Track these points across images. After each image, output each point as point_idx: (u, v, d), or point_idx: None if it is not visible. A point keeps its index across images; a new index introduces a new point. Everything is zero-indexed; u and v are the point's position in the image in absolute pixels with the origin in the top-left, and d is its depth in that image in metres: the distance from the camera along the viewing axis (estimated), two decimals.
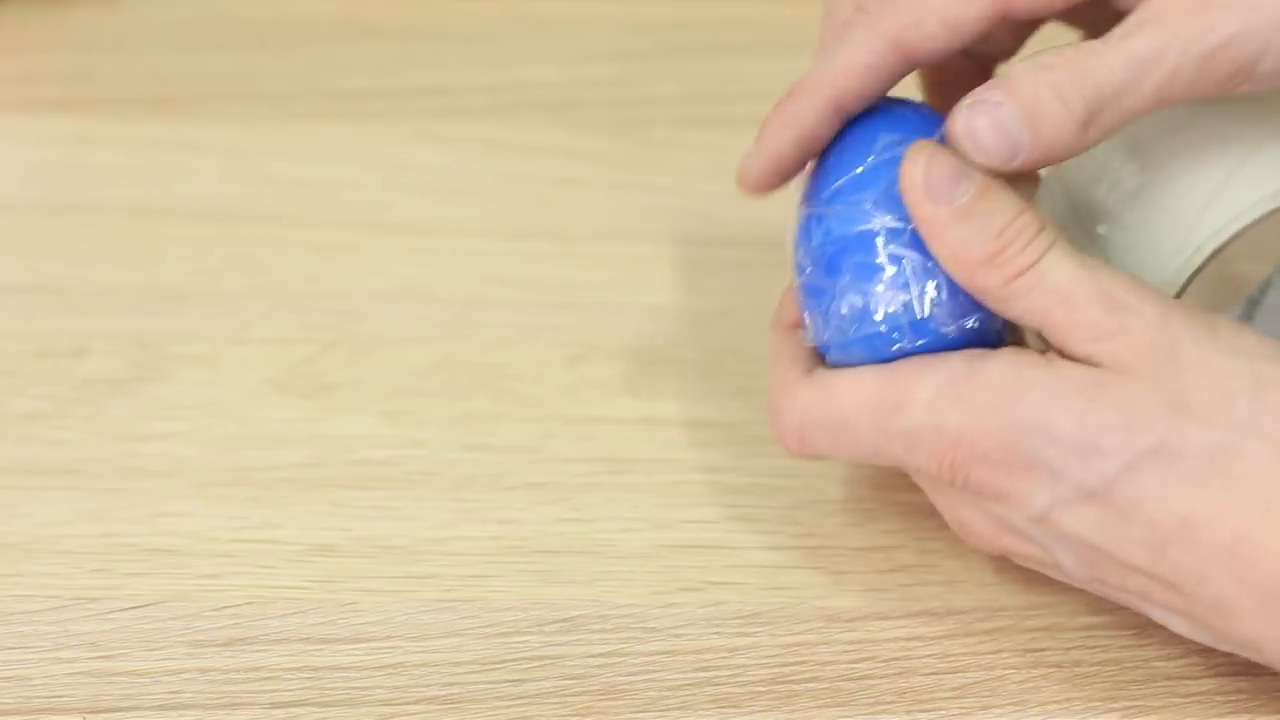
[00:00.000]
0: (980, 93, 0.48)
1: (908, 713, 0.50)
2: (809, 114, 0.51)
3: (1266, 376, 0.46)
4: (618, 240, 0.65)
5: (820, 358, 0.51)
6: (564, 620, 0.52)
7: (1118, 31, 0.48)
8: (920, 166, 0.48)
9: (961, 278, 0.48)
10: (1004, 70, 0.50)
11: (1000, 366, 0.48)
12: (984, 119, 0.48)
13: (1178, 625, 0.48)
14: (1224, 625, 0.47)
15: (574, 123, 0.70)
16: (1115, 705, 0.50)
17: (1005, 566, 0.53)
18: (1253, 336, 0.47)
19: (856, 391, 0.49)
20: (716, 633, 0.52)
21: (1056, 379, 0.47)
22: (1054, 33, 0.54)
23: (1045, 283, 0.47)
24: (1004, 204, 0.48)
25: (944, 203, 0.48)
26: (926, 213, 0.48)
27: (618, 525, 0.55)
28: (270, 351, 0.60)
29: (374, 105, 0.70)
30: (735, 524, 0.55)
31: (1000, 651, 0.52)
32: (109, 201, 0.66)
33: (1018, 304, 0.48)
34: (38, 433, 0.58)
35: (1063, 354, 0.47)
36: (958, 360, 0.48)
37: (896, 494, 0.56)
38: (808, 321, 0.51)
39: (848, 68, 0.51)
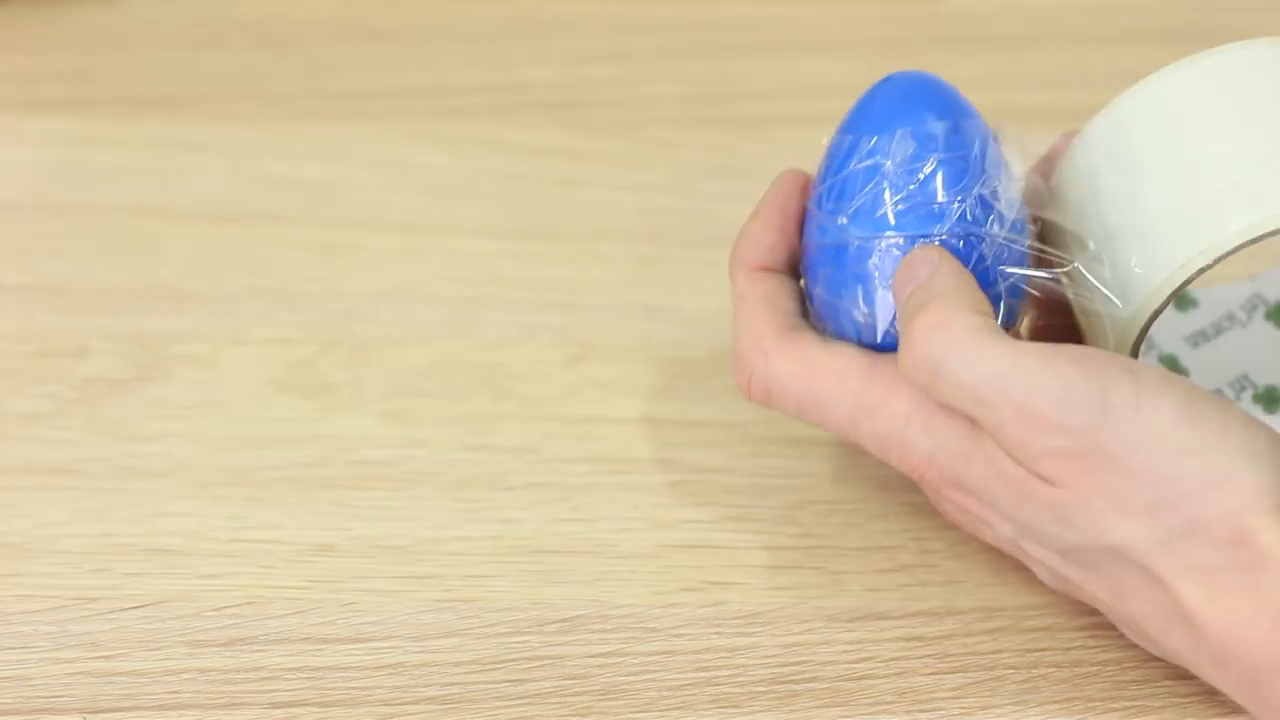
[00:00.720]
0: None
1: (908, 713, 0.50)
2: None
3: (1220, 476, 0.45)
4: (618, 240, 0.65)
5: (800, 306, 0.52)
6: (564, 620, 0.52)
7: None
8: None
9: None
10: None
11: (960, 418, 0.47)
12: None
13: (1150, 649, 0.49)
14: (1188, 667, 0.47)
15: (574, 123, 0.70)
16: (1115, 705, 0.50)
17: (1005, 566, 0.53)
18: (1215, 426, 0.45)
19: (837, 384, 0.49)
20: (716, 633, 0.52)
21: (993, 461, 0.46)
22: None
23: (958, 391, 0.46)
24: (916, 300, 0.47)
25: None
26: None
27: (618, 525, 0.55)
28: (270, 351, 0.60)
29: (374, 105, 0.70)
30: (735, 524, 0.55)
31: (1000, 651, 0.52)
32: (109, 201, 0.66)
33: (946, 401, 0.47)
34: (38, 433, 0.58)
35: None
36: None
37: (896, 494, 0.56)
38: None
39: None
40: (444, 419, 0.58)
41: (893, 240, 0.49)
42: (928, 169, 0.49)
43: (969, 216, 0.49)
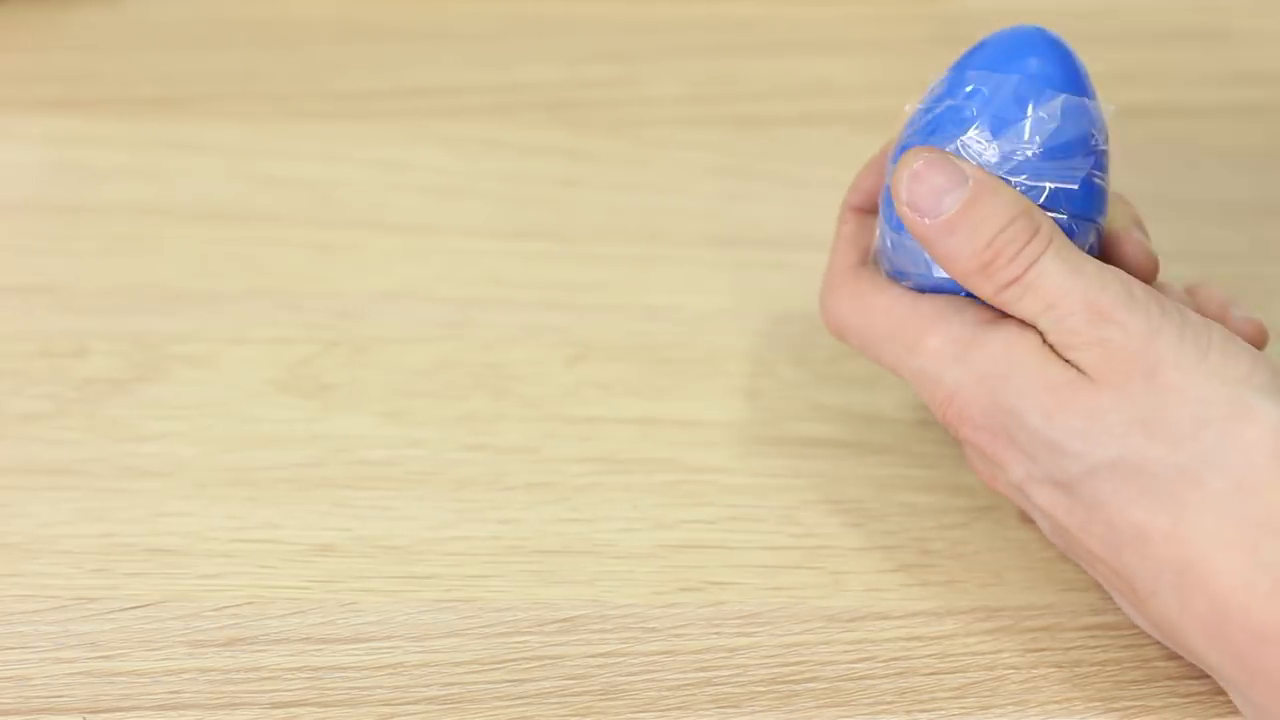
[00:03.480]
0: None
1: (908, 713, 0.50)
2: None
3: (1243, 407, 0.46)
4: (618, 240, 0.65)
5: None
6: (564, 620, 0.52)
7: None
8: (904, 181, 0.48)
9: (959, 281, 0.49)
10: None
11: (998, 341, 0.48)
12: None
13: (1138, 619, 0.49)
14: (1173, 636, 0.47)
15: (574, 123, 0.70)
16: (1115, 705, 0.50)
17: (1005, 566, 0.53)
18: (1245, 362, 0.47)
19: (885, 318, 0.51)
20: (716, 633, 0.52)
21: (1039, 370, 0.47)
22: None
23: (1033, 293, 0.48)
24: (994, 213, 0.48)
25: (929, 216, 0.48)
26: (914, 227, 0.49)
27: (618, 525, 0.55)
28: (270, 351, 0.60)
29: (374, 105, 0.70)
30: (735, 524, 0.55)
31: (1000, 651, 0.52)
32: (109, 201, 0.66)
33: (1011, 309, 0.48)
34: (38, 433, 0.58)
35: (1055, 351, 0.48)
36: (970, 318, 0.49)
37: (896, 494, 0.56)
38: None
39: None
40: (444, 419, 0.58)
41: None
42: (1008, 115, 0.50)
43: (1041, 163, 0.49)
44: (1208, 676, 0.50)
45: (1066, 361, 0.47)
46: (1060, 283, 0.47)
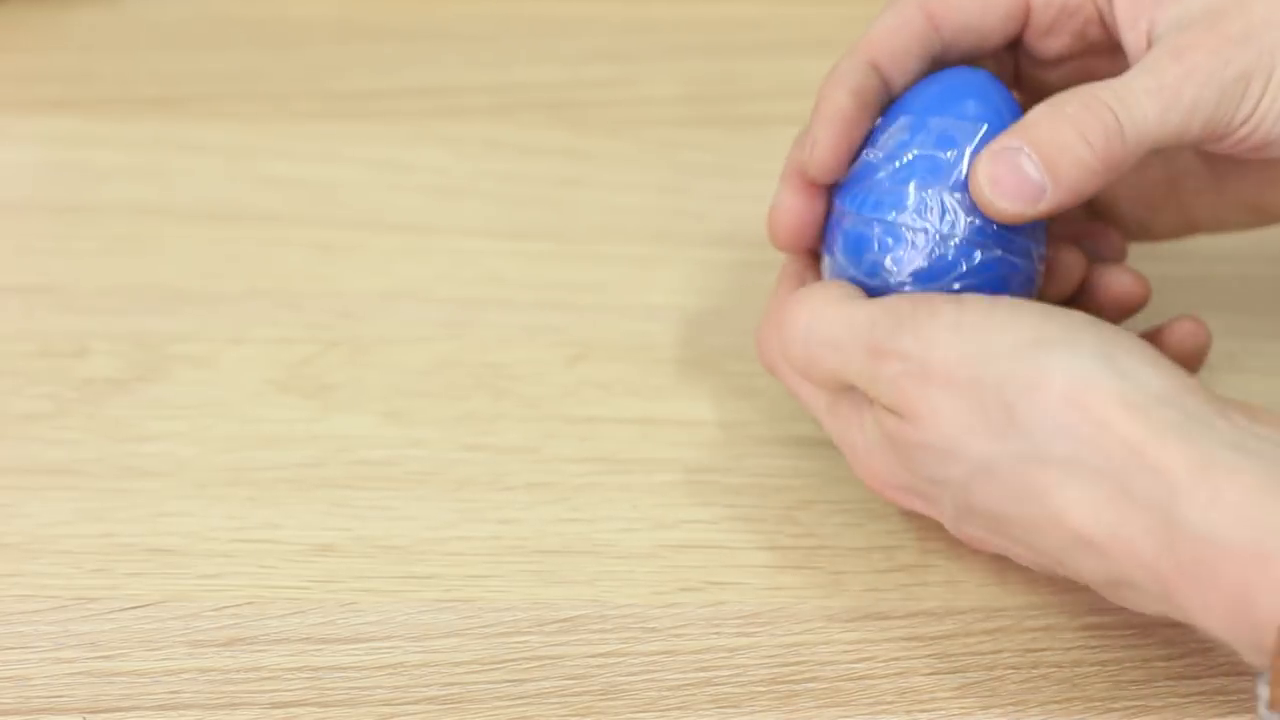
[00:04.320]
0: (1001, 140, 0.48)
1: (908, 713, 0.50)
2: (848, 71, 0.52)
3: (1034, 372, 0.45)
4: (618, 240, 0.65)
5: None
6: (564, 620, 0.52)
7: (1138, 67, 0.48)
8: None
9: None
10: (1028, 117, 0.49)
11: (869, 421, 0.49)
12: (1004, 167, 0.48)
13: (1105, 594, 0.48)
14: (1123, 601, 0.47)
15: (574, 123, 0.70)
16: (1115, 705, 0.50)
17: (1005, 567, 0.53)
18: (1030, 322, 0.46)
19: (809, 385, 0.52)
20: (716, 633, 0.52)
21: (876, 430, 0.49)
22: None
23: (829, 370, 0.49)
24: (767, 327, 0.52)
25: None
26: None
27: (618, 525, 0.55)
28: (270, 351, 0.60)
29: (374, 105, 0.70)
30: (735, 524, 0.55)
31: (1000, 651, 0.52)
32: (109, 201, 0.66)
33: (845, 387, 0.50)
34: (38, 433, 0.58)
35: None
36: (859, 394, 0.50)
37: None
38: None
39: (879, 27, 0.52)
40: (444, 419, 0.58)
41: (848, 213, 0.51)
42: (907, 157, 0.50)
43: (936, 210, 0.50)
44: (1207, 677, 0.51)
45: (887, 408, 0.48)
46: (832, 340, 0.48)
